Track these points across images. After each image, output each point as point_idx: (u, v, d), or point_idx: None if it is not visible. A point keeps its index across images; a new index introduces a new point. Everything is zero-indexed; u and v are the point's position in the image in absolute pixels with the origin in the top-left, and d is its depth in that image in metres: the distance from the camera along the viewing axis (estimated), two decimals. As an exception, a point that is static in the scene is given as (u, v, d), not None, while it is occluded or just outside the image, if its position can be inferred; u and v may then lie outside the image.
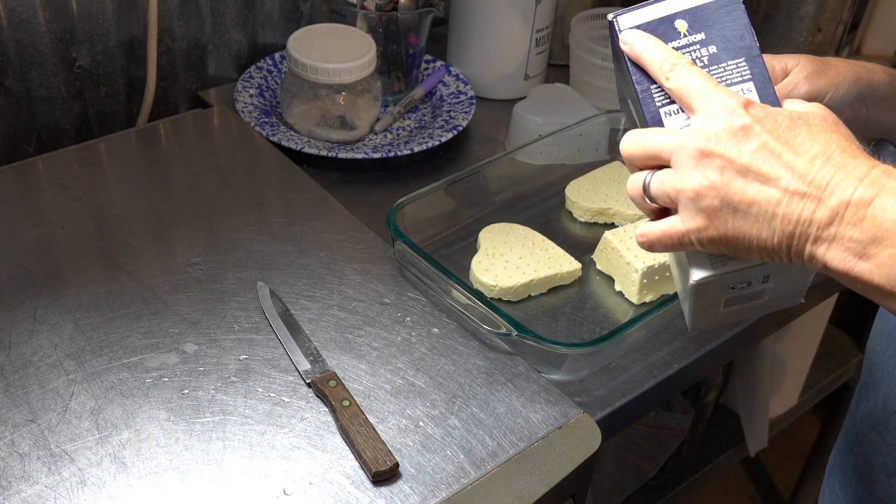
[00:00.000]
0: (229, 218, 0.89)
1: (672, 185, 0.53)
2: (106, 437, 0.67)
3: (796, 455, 1.88)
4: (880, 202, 0.47)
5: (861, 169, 0.49)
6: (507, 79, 1.17)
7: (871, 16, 1.28)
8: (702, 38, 0.57)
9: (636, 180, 0.56)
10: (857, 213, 0.48)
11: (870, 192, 0.48)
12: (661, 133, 0.55)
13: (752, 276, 0.57)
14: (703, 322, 0.61)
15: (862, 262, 0.48)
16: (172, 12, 1.05)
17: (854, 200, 0.48)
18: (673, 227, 0.54)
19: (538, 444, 0.70)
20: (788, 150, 0.50)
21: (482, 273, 0.86)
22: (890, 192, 0.47)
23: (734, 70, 0.56)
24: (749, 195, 0.50)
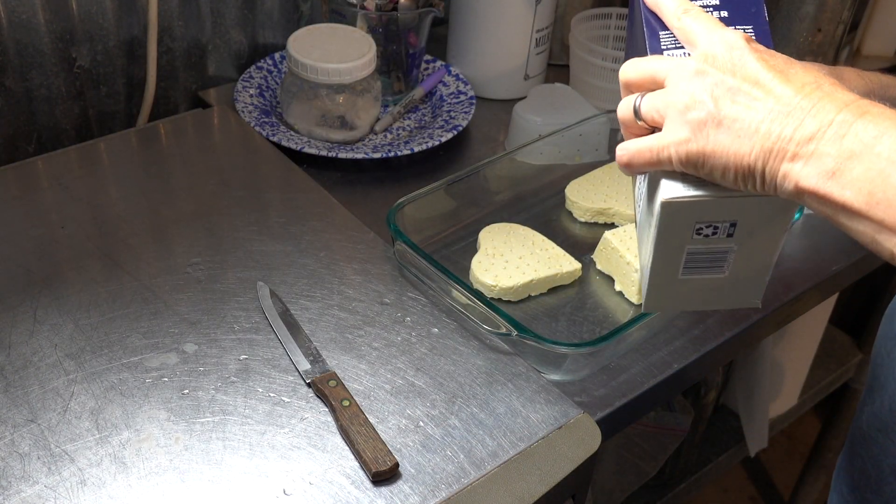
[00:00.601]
0: (229, 218, 0.89)
1: (663, 99, 0.55)
2: (106, 437, 0.67)
3: (796, 455, 1.88)
4: (862, 123, 0.48)
5: (848, 97, 0.50)
6: (507, 79, 1.17)
7: (871, 16, 1.28)
8: (716, 3, 0.59)
9: (627, 102, 0.58)
10: (839, 130, 0.48)
11: (854, 115, 0.48)
12: (661, 58, 0.57)
13: (720, 213, 0.56)
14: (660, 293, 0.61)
15: (833, 179, 0.48)
16: (172, 12, 1.05)
17: (838, 120, 0.49)
18: (655, 140, 0.55)
19: (538, 444, 0.70)
20: (781, 77, 0.51)
21: (482, 273, 0.86)
22: (874, 115, 0.48)
23: None
24: (735, 111, 0.51)
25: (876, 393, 0.76)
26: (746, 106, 0.51)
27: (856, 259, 0.97)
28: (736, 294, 0.62)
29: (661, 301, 0.63)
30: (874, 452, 0.75)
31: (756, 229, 0.57)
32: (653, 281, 0.61)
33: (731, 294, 0.62)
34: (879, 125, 0.48)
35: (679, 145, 0.53)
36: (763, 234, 0.58)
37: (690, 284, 0.61)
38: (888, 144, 0.47)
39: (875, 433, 0.75)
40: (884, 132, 0.47)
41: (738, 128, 0.51)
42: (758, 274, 0.61)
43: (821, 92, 0.50)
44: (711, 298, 0.63)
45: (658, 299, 0.63)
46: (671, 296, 0.62)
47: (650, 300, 0.63)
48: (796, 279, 0.93)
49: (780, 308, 0.90)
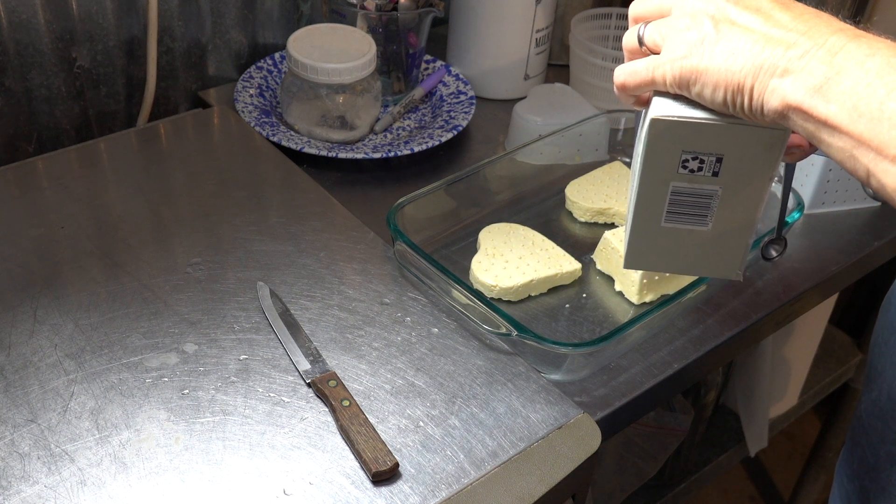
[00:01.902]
0: (229, 218, 0.89)
1: (667, 23, 0.56)
2: (106, 437, 0.67)
3: (796, 455, 1.88)
4: (856, 43, 0.49)
5: (845, 25, 0.51)
6: (507, 79, 1.17)
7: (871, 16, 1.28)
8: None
9: (632, 31, 0.59)
10: (832, 48, 0.49)
11: (848, 38, 0.49)
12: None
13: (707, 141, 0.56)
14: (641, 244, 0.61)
15: (820, 94, 0.49)
16: (172, 12, 1.05)
17: (831, 40, 0.50)
18: (652, 59, 0.56)
19: (538, 444, 0.70)
20: (782, 7, 0.53)
21: (482, 273, 0.86)
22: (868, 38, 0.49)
23: None
24: (732, 32, 0.52)
25: (873, 382, 0.76)
26: (744, 28, 0.52)
27: (856, 259, 0.97)
28: (717, 259, 0.61)
29: (642, 256, 0.62)
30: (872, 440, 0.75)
31: (741, 169, 0.57)
32: (635, 229, 0.60)
33: (712, 258, 0.61)
34: (872, 46, 0.49)
35: (674, 62, 0.55)
36: (748, 177, 0.58)
37: (672, 237, 0.60)
38: (878, 61, 0.48)
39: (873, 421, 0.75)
40: (876, 51, 0.48)
41: (732, 46, 0.52)
42: (741, 235, 0.60)
43: (818, 19, 0.51)
44: (692, 260, 0.62)
45: (639, 254, 0.62)
46: (653, 251, 0.61)
47: (631, 255, 0.62)
48: (796, 279, 0.93)
49: (780, 308, 0.90)
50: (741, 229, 0.60)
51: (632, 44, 0.59)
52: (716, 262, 0.62)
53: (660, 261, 0.63)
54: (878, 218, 1.03)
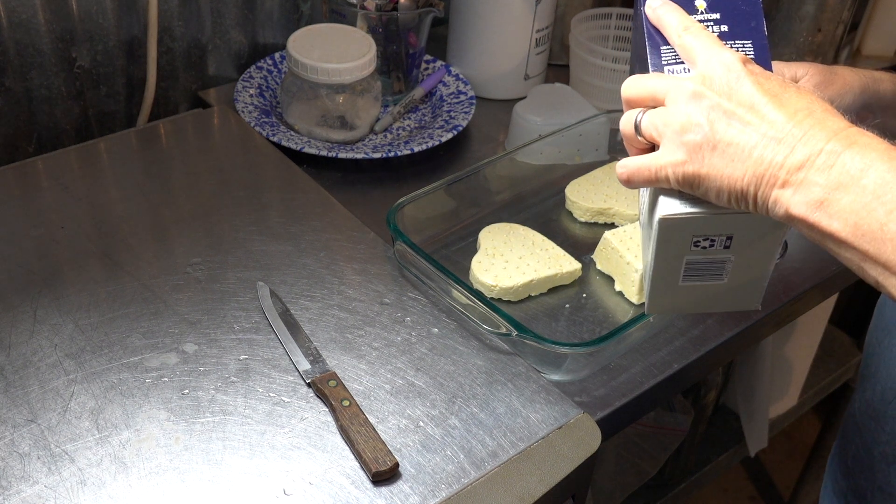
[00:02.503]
0: (229, 218, 0.89)
1: (662, 118, 0.56)
2: (106, 437, 0.67)
3: (796, 455, 1.88)
4: (850, 154, 0.49)
5: (839, 125, 0.51)
6: (507, 79, 1.17)
7: (871, 16, 1.28)
8: (716, 18, 0.60)
9: (629, 117, 0.59)
10: (828, 160, 0.50)
11: (843, 145, 0.50)
12: (661, 76, 0.58)
13: (716, 228, 0.58)
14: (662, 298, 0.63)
15: (822, 209, 0.50)
16: (172, 12, 1.05)
17: (827, 149, 0.50)
18: (653, 159, 0.57)
19: (538, 444, 0.70)
20: (775, 102, 0.52)
21: (482, 273, 0.86)
22: (862, 146, 0.50)
23: (740, 49, 0.59)
24: (730, 135, 0.53)
25: (867, 381, 0.77)
26: (740, 130, 0.52)
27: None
28: (736, 298, 0.64)
29: (663, 305, 0.65)
30: (866, 440, 0.76)
31: (752, 241, 0.59)
32: (654, 286, 0.63)
33: (731, 298, 0.64)
34: (866, 157, 0.49)
35: (676, 167, 0.55)
36: (759, 245, 0.60)
37: (691, 290, 0.63)
38: (873, 178, 0.48)
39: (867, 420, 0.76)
40: (870, 165, 0.49)
41: (731, 152, 0.53)
42: (756, 280, 0.63)
43: (812, 119, 0.51)
44: (712, 302, 0.64)
45: (660, 303, 0.64)
46: (672, 300, 0.64)
47: (652, 304, 0.64)
48: (796, 279, 0.93)
49: (780, 308, 0.90)
50: (757, 276, 0.62)
51: (629, 130, 0.59)
52: (735, 301, 0.64)
53: (681, 306, 0.66)
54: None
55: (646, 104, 0.58)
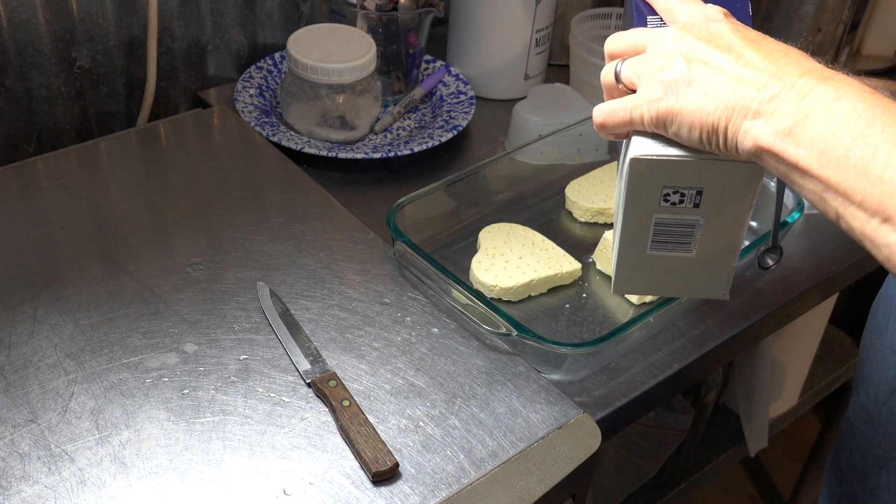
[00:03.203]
0: (229, 218, 0.89)
1: (642, 61, 0.57)
2: (106, 437, 0.67)
3: (796, 455, 1.88)
4: (823, 87, 0.50)
5: (813, 64, 0.52)
6: (507, 79, 1.17)
7: (871, 16, 1.28)
8: None
9: (609, 67, 0.60)
10: (800, 91, 0.50)
11: (817, 79, 0.50)
12: (644, 29, 0.60)
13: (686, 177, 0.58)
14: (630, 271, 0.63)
15: (789, 138, 0.50)
16: (172, 12, 1.05)
17: (800, 83, 0.51)
18: (629, 100, 0.58)
19: (538, 444, 0.70)
20: (752, 45, 0.54)
21: (482, 273, 0.86)
22: (836, 80, 0.50)
23: None
24: (705, 72, 0.54)
25: (861, 385, 0.77)
26: (716, 68, 0.53)
27: (856, 259, 0.97)
28: (704, 281, 0.63)
29: (630, 282, 0.64)
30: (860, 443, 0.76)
31: (721, 199, 0.59)
32: (621, 257, 0.62)
33: (698, 281, 0.63)
34: (839, 90, 0.49)
35: (651, 103, 0.56)
36: (728, 206, 0.59)
37: (658, 263, 0.62)
38: (844, 106, 0.49)
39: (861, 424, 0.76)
40: (842, 96, 0.49)
41: (705, 87, 0.53)
42: (725, 257, 0.62)
43: (787, 58, 0.52)
44: (680, 283, 0.64)
45: (627, 280, 0.64)
46: (640, 276, 0.63)
47: (619, 281, 0.64)
48: (796, 279, 0.93)
49: (780, 308, 0.90)
50: (725, 252, 0.62)
51: (609, 80, 0.60)
52: (702, 284, 0.64)
53: (647, 285, 0.66)
54: (878, 218, 1.03)
55: (628, 55, 0.59)
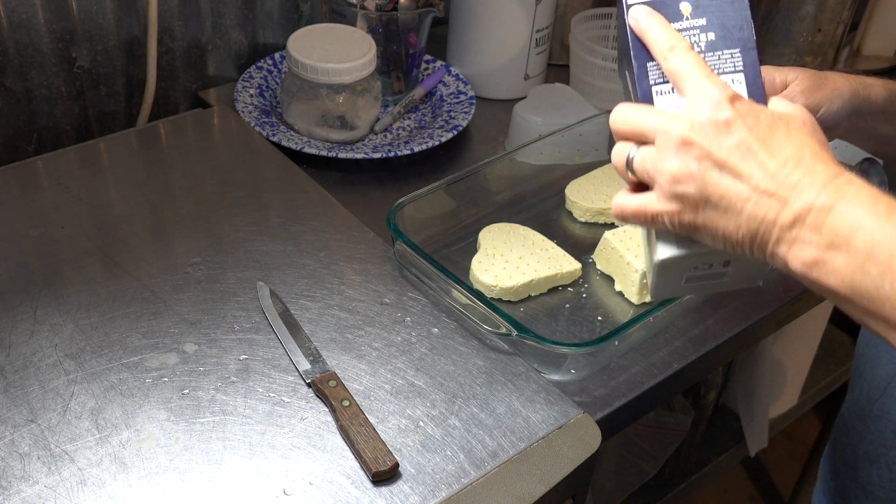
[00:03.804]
0: (229, 218, 0.89)
1: (654, 164, 0.56)
2: (106, 437, 0.67)
3: (796, 455, 1.88)
4: (839, 210, 0.50)
5: (827, 175, 0.51)
6: (507, 79, 1.17)
7: (871, 16, 1.28)
8: (702, 24, 0.59)
9: (621, 151, 0.59)
10: (818, 218, 0.50)
11: (831, 199, 0.50)
12: (650, 113, 0.57)
13: (714, 259, 0.60)
14: (665, 293, 0.64)
15: (818, 266, 0.50)
16: (172, 12, 1.05)
17: (816, 206, 0.50)
18: (648, 206, 0.57)
19: (538, 444, 0.70)
20: (765, 149, 0.52)
21: (482, 273, 0.86)
22: (850, 201, 0.50)
23: (728, 59, 0.58)
24: (722, 188, 0.53)
25: (857, 381, 0.77)
26: (732, 182, 0.52)
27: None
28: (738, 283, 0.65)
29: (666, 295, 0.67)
30: (853, 439, 0.76)
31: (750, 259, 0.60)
32: (657, 288, 0.64)
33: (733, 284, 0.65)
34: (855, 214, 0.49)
35: (672, 216, 0.56)
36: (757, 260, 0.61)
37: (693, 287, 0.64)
38: (863, 238, 0.49)
39: (854, 420, 0.76)
40: (859, 223, 0.49)
41: (724, 205, 0.53)
42: (759, 269, 0.63)
43: (801, 169, 0.51)
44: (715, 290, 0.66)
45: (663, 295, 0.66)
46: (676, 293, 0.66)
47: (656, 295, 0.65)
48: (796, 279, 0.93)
49: (780, 308, 0.90)
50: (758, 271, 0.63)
51: (621, 165, 0.59)
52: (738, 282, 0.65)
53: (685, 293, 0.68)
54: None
55: (635, 140, 0.58)
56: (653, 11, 0.59)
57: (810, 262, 0.51)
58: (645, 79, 0.59)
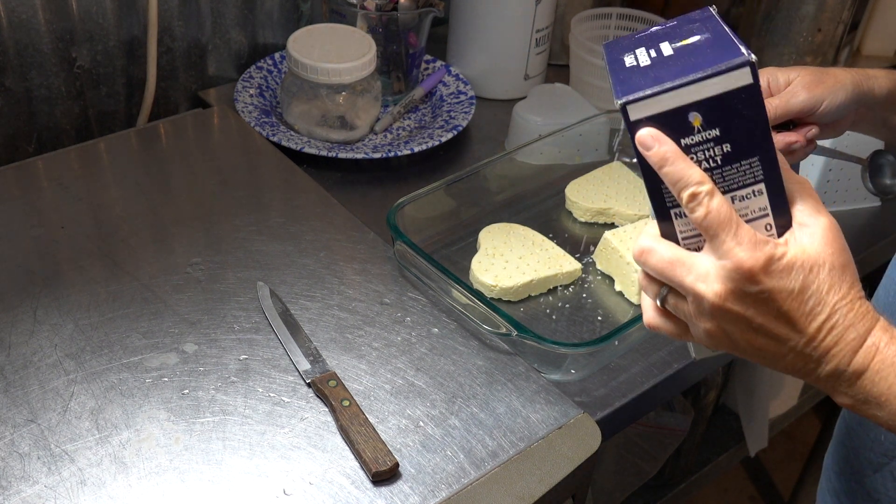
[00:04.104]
0: (229, 218, 0.89)
1: (687, 315, 0.56)
2: (106, 437, 0.67)
3: (796, 455, 1.88)
4: (870, 378, 0.53)
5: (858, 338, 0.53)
6: (507, 79, 1.17)
7: (871, 16, 1.28)
8: (716, 135, 0.52)
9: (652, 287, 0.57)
10: (851, 380, 0.53)
11: (862, 365, 0.53)
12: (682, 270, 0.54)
13: None
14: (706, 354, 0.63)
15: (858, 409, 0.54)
16: (172, 12, 1.05)
17: (848, 372, 0.53)
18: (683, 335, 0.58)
19: (538, 444, 0.70)
20: (799, 315, 0.53)
21: (482, 273, 0.86)
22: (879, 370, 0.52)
23: (747, 171, 0.53)
24: (758, 344, 0.54)
25: None
26: (767, 342, 0.54)
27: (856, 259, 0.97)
28: None
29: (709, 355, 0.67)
30: (855, 444, 0.76)
31: None
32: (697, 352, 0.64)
33: None
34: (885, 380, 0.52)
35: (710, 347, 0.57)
36: None
37: None
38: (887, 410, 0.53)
39: (856, 426, 0.76)
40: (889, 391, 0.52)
41: (761, 356, 0.55)
42: None
43: (834, 335, 0.53)
44: None
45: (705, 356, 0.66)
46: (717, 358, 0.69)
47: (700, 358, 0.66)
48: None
49: (780, 308, 0.90)
50: None
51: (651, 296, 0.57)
52: None
53: None
54: (878, 218, 1.03)
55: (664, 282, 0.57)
56: (661, 137, 0.52)
57: (850, 406, 0.54)
58: (661, 200, 0.54)
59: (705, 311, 0.54)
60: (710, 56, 0.52)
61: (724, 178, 0.53)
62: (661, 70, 0.53)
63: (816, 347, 0.53)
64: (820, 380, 0.54)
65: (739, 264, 0.51)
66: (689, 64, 0.52)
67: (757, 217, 0.54)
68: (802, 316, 0.53)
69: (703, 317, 0.54)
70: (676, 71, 0.52)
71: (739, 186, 0.54)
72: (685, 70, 0.52)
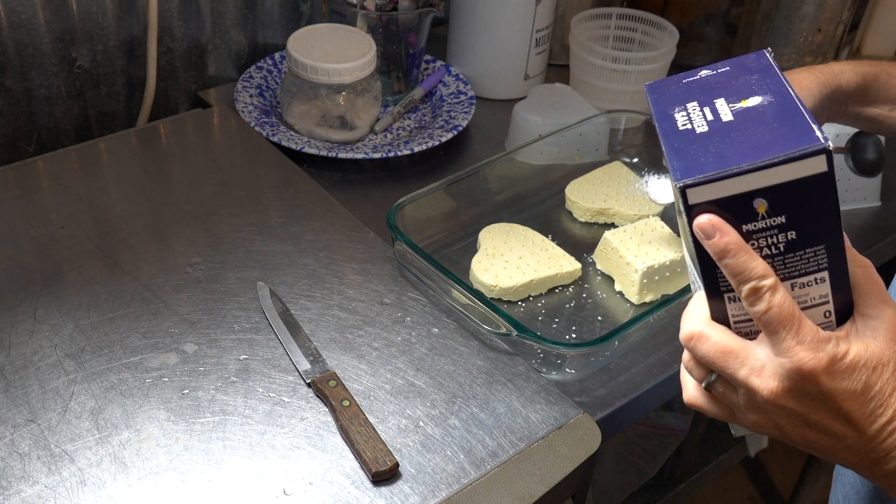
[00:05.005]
0: (229, 218, 0.89)
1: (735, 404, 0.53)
2: (106, 437, 0.67)
3: (796, 455, 1.87)
4: None
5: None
6: (507, 79, 1.17)
7: (871, 16, 1.28)
8: (782, 223, 0.48)
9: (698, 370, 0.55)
10: None
11: None
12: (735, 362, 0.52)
13: None
14: None
15: None
16: (172, 12, 1.05)
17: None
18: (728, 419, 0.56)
19: (538, 444, 0.70)
20: (860, 416, 0.50)
21: (482, 273, 0.86)
22: None
23: (811, 258, 0.50)
24: (812, 438, 0.52)
25: None
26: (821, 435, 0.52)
27: (856, 259, 0.97)
28: None
29: None
30: None
31: None
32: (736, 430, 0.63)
33: None
34: None
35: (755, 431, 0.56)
36: None
37: None
38: None
39: None
40: None
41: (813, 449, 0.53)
42: None
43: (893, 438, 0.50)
44: None
45: None
46: None
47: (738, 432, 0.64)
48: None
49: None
50: None
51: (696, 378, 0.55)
52: None
53: None
54: (878, 218, 1.03)
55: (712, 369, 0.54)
56: (723, 226, 0.48)
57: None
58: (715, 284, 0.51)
59: (757, 405, 0.51)
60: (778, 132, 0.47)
61: (786, 266, 0.50)
62: (723, 144, 0.48)
63: (876, 448, 0.50)
64: (876, 476, 0.52)
65: (800, 365, 0.49)
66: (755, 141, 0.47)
67: (816, 304, 0.51)
68: (863, 417, 0.50)
69: (753, 409, 0.52)
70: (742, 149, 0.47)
71: (801, 274, 0.50)
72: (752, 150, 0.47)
